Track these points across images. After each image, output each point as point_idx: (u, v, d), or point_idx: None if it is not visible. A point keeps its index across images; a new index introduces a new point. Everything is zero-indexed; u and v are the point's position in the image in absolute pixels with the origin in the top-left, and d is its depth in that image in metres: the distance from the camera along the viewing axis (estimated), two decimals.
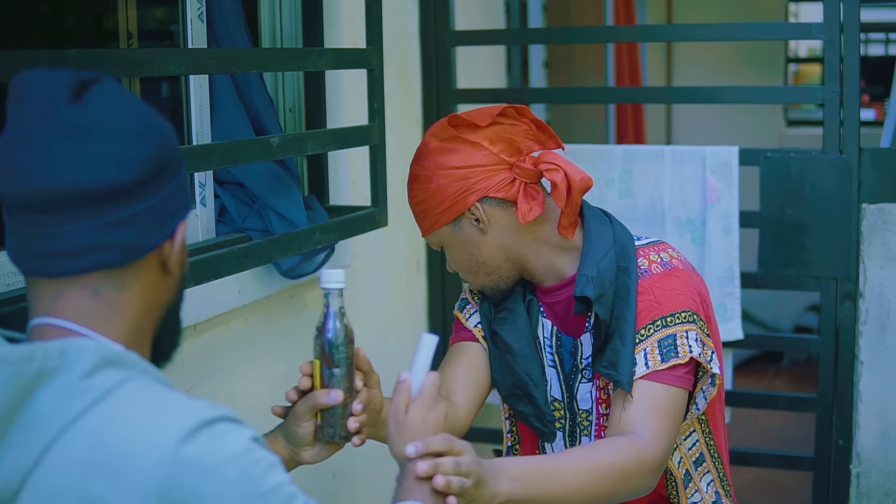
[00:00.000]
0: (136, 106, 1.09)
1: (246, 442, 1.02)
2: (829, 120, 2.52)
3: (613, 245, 1.70)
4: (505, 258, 1.72)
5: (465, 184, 1.67)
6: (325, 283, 1.46)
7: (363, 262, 2.54)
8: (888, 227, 2.48)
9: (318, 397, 1.46)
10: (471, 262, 1.72)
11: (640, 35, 3.99)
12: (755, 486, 3.58)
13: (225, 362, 2.00)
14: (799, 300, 5.18)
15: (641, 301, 1.66)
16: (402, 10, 2.75)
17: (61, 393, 1.00)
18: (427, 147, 1.71)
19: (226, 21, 2.00)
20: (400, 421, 1.38)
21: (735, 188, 2.60)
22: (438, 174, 1.69)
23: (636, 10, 5.03)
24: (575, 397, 1.77)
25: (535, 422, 1.78)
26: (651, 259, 1.71)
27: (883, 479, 2.52)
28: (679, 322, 1.65)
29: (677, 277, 1.69)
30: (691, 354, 1.62)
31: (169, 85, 2.75)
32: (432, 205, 1.70)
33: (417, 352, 1.41)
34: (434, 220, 1.71)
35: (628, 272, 1.68)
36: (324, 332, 1.45)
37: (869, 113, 6.09)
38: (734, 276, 2.62)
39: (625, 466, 1.52)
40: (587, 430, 1.77)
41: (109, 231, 1.05)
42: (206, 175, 2.01)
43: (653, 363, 1.62)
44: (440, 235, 1.73)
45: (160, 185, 1.09)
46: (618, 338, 1.65)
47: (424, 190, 1.70)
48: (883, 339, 2.49)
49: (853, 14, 2.47)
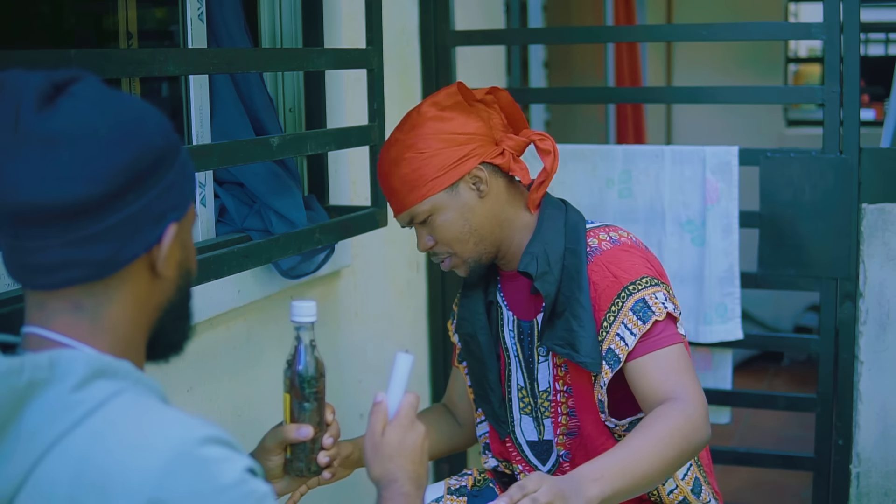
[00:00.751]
0: (113, 110, 1.03)
1: (240, 473, 0.99)
2: (828, 120, 2.52)
3: (564, 228, 1.76)
4: (495, 226, 1.76)
5: (465, 148, 1.72)
6: (296, 317, 1.43)
7: (363, 262, 2.54)
8: (888, 227, 2.47)
9: (288, 432, 1.45)
10: (464, 228, 1.74)
11: (640, 35, 3.99)
12: (755, 486, 3.58)
13: (225, 362, 2.00)
14: (799, 300, 5.18)
15: (599, 281, 1.71)
16: (402, 10, 2.75)
17: (51, 406, 0.98)
18: (423, 116, 1.74)
19: (226, 21, 2.00)
20: (376, 443, 1.35)
21: (735, 188, 2.60)
22: (438, 139, 1.72)
23: (636, 10, 5.03)
24: (536, 380, 1.81)
25: (492, 420, 1.87)
26: (601, 238, 1.76)
27: (883, 479, 2.52)
28: (643, 287, 1.70)
29: (627, 251, 1.74)
30: (666, 310, 1.67)
31: (169, 85, 2.75)
32: (428, 171, 1.71)
33: (393, 371, 1.38)
34: (428, 188, 1.72)
35: (577, 253, 1.73)
36: (294, 366, 1.42)
37: (869, 113, 6.09)
38: (734, 276, 2.62)
39: (680, 429, 1.57)
40: (548, 412, 1.81)
41: (80, 247, 1.01)
42: (206, 175, 2.01)
43: (636, 329, 1.66)
44: (433, 202, 1.73)
45: (139, 193, 1.03)
46: (571, 318, 1.69)
47: (419, 157, 1.72)
48: (883, 339, 2.49)
49: (853, 14, 2.46)
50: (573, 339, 1.69)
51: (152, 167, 1.04)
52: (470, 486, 1.90)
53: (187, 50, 1.81)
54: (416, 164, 1.72)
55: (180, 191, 1.09)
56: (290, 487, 1.53)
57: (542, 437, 1.84)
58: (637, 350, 1.67)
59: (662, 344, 1.67)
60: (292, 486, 1.53)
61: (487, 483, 1.92)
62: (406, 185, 1.73)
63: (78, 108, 1.01)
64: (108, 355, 1.04)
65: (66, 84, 1.03)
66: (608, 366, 1.68)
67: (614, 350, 1.68)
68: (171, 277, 1.11)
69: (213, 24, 1.99)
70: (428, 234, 1.77)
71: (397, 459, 1.33)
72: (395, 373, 1.38)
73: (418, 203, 1.73)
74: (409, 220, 1.77)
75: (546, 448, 1.84)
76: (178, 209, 1.09)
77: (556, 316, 1.72)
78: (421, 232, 1.77)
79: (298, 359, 1.42)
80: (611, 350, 1.68)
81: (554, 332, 1.71)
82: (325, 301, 2.38)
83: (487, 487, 1.91)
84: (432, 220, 1.74)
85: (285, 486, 1.52)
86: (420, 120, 1.74)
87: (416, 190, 1.72)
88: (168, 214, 1.07)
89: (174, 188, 1.08)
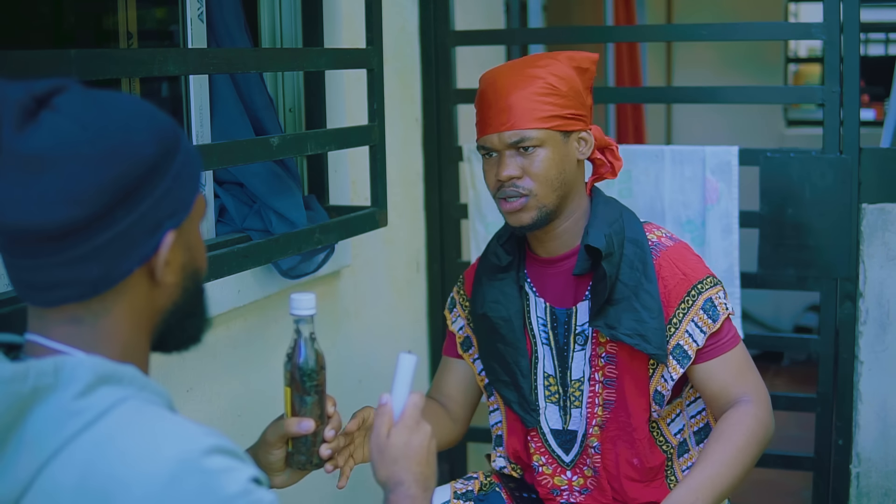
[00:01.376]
0: (96, 126, 0.99)
1: (244, 483, 0.98)
2: (828, 120, 2.52)
3: (622, 217, 1.79)
4: (573, 189, 1.78)
5: (586, 110, 1.78)
6: (295, 310, 1.42)
7: (363, 262, 2.54)
8: (888, 227, 2.47)
9: (289, 426, 1.44)
10: (558, 174, 1.73)
11: (640, 35, 3.99)
12: (755, 486, 3.58)
13: (225, 362, 2.00)
14: (799, 300, 5.18)
15: (669, 277, 1.75)
16: (402, 10, 2.75)
17: (55, 413, 0.97)
18: (561, 59, 1.76)
19: (226, 21, 2.00)
20: (382, 445, 1.34)
21: (735, 188, 2.60)
22: (573, 86, 1.75)
23: (636, 10, 5.03)
24: (569, 368, 1.81)
25: (519, 409, 1.85)
26: (656, 234, 1.81)
27: (883, 478, 2.52)
28: (709, 286, 1.76)
29: (688, 250, 1.81)
30: (728, 311, 1.77)
31: (169, 85, 2.75)
32: (558, 105, 1.73)
33: (397, 372, 1.37)
34: (554, 121, 1.72)
35: (640, 244, 1.76)
36: (295, 359, 1.41)
37: (869, 113, 6.09)
38: (734, 276, 2.62)
39: (755, 434, 1.70)
40: (578, 402, 1.82)
41: (72, 267, 0.99)
42: (206, 175, 2.01)
43: (706, 327, 1.73)
44: (549, 136, 1.72)
45: (129, 208, 1.00)
46: (641, 308, 1.72)
47: (554, 89, 1.73)
48: (883, 338, 2.49)
49: (853, 14, 2.47)
50: (644, 329, 1.71)
51: (142, 180, 1.01)
52: (476, 490, 1.90)
53: (187, 50, 1.81)
54: (549, 93, 1.72)
55: (178, 195, 1.06)
56: (291, 480, 1.53)
57: (567, 427, 1.84)
58: (707, 352, 1.74)
59: (730, 346, 1.76)
60: (293, 479, 1.53)
61: (494, 487, 1.92)
62: (531, 105, 1.71)
63: (60, 126, 0.98)
64: (113, 361, 1.03)
65: (48, 96, 0.99)
66: (676, 361, 1.74)
67: (683, 346, 1.73)
68: (173, 282, 1.09)
69: (213, 24, 1.99)
70: (518, 166, 1.73)
71: (403, 461, 1.32)
72: (399, 374, 1.37)
73: (537, 129, 1.72)
74: (511, 141, 1.72)
75: (570, 438, 1.85)
76: (176, 215, 1.06)
77: (614, 303, 1.73)
78: (511, 160, 1.72)
79: (298, 352, 1.42)
80: (679, 346, 1.73)
81: (619, 321, 1.72)
82: (325, 301, 2.38)
83: (494, 492, 1.90)
84: (537, 152, 1.72)
85: (286, 480, 1.52)
86: (558, 60, 1.75)
87: (541, 116, 1.71)
88: (164, 223, 1.04)
89: (170, 194, 1.04)
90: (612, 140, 1.86)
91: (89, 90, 1.03)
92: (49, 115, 0.98)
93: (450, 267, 2.90)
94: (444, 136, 2.86)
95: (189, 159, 1.08)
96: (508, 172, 1.72)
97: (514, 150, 1.72)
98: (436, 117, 2.86)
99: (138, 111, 1.04)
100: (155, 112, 1.06)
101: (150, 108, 1.06)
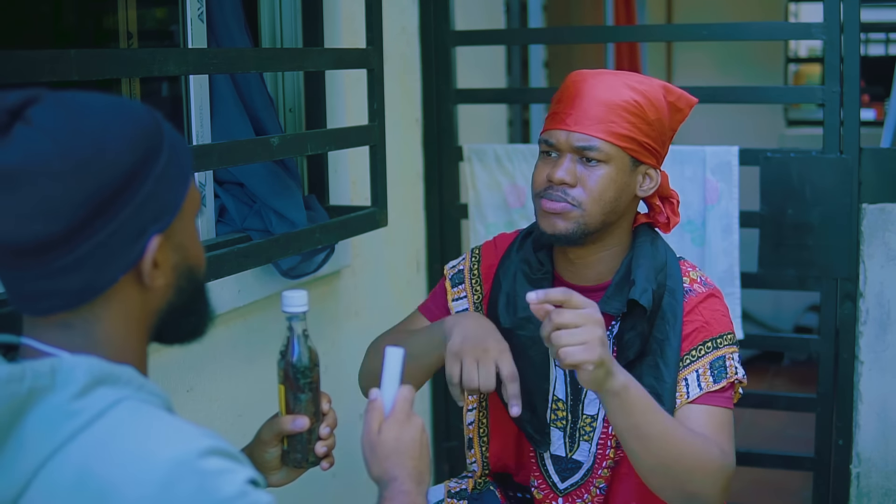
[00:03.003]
0: (68, 139, 0.97)
1: (240, 485, 0.97)
2: (829, 120, 2.52)
3: (666, 265, 1.70)
4: (620, 220, 1.68)
5: (664, 148, 1.68)
6: (287, 307, 1.40)
7: (363, 262, 2.54)
8: (888, 227, 2.47)
9: (283, 423, 1.42)
10: (612, 198, 1.62)
11: (640, 35, 3.99)
12: (755, 486, 3.58)
13: (225, 362, 2.00)
14: (799, 300, 5.18)
15: (690, 322, 1.66)
16: (402, 10, 2.75)
17: (52, 415, 0.97)
18: (658, 87, 1.66)
19: (226, 21, 2.00)
20: (373, 441, 1.33)
21: (735, 188, 2.60)
22: (661, 117, 1.65)
23: (636, 10, 5.03)
24: (582, 401, 1.74)
25: (531, 429, 1.76)
26: (692, 277, 1.72)
27: (883, 479, 2.52)
28: (726, 344, 1.67)
29: (718, 298, 1.71)
30: (737, 376, 1.65)
31: (169, 85, 2.75)
32: (639, 128, 1.62)
33: (385, 367, 1.36)
34: (630, 143, 1.62)
35: (675, 294, 1.67)
36: (288, 356, 1.40)
37: (869, 113, 6.09)
38: (734, 276, 2.62)
39: (709, 450, 1.55)
40: (588, 436, 1.75)
41: (54, 279, 0.99)
42: (206, 175, 2.01)
43: (705, 384, 1.63)
44: (618, 155, 1.61)
45: (107, 218, 0.99)
46: (662, 364, 1.64)
47: (642, 111, 1.62)
48: (883, 339, 2.49)
49: (853, 14, 2.46)
50: (661, 388, 1.62)
51: (120, 189, 0.99)
52: (470, 488, 1.89)
53: (187, 50, 1.81)
54: (635, 112, 1.61)
55: (162, 199, 1.04)
56: (287, 479, 1.52)
57: (571, 456, 1.77)
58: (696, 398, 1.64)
59: (720, 403, 1.64)
60: (290, 477, 1.52)
61: (488, 486, 1.90)
62: (612, 116, 1.60)
63: (32, 140, 0.96)
64: (109, 361, 1.02)
65: (22, 108, 0.98)
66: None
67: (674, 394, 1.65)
68: (165, 284, 1.08)
69: (213, 24, 1.99)
70: (574, 173, 1.61)
71: (395, 457, 1.32)
72: (387, 368, 1.36)
73: (611, 142, 1.61)
74: (577, 145, 1.61)
75: (572, 467, 1.77)
76: (161, 219, 1.04)
77: (639, 357, 1.65)
78: (570, 165, 1.61)
79: (292, 349, 1.40)
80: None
81: (640, 378, 1.60)
82: (325, 301, 2.38)
83: (488, 490, 1.89)
84: (600, 167, 1.61)
85: (283, 478, 1.51)
86: (655, 86, 1.66)
87: (618, 132, 1.60)
88: (149, 228, 1.03)
89: (153, 199, 1.02)
90: (676, 193, 1.75)
91: (64, 98, 1.01)
92: (21, 129, 0.97)
93: None
94: (444, 136, 2.86)
95: (174, 159, 1.06)
96: (562, 175, 1.61)
97: (578, 155, 1.61)
98: (436, 117, 2.86)
99: (114, 118, 1.01)
100: (134, 114, 1.04)
101: (129, 110, 1.04)
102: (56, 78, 1.36)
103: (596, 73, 1.66)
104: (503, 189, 2.77)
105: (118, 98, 1.05)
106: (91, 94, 1.04)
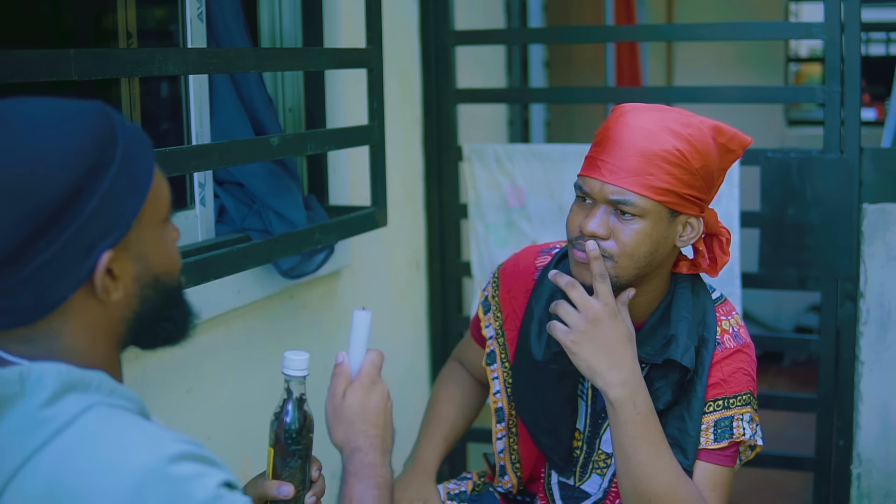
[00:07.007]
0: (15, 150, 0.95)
1: (213, 489, 0.96)
2: (829, 120, 2.52)
3: (705, 314, 1.64)
4: (660, 269, 1.60)
5: (710, 193, 1.57)
6: (287, 370, 1.34)
7: (363, 262, 2.54)
8: (889, 227, 2.47)
9: (268, 488, 1.36)
10: (646, 254, 1.53)
11: (640, 35, 3.99)
12: (755, 486, 3.58)
13: (225, 362, 2.00)
14: (799, 300, 5.18)
15: (711, 375, 1.63)
16: (402, 10, 2.75)
17: (21, 423, 0.95)
18: (707, 129, 1.55)
19: (226, 21, 2.00)
20: (337, 406, 1.30)
21: (735, 188, 2.60)
22: (708, 165, 1.53)
23: (636, 10, 5.03)
24: (600, 436, 1.72)
25: (555, 457, 1.74)
26: (723, 328, 1.66)
27: (884, 479, 2.52)
28: (738, 405, 1.63)
29: (746, 354, 1.65)
30: (743, 437, 1.62)
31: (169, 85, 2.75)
32: (680, 180, 1.50)
33: (352, 330, 1.32)
34: (668, 196, 1.51)
35: (707, 345, 1.63)
36: (281, 418, 1.34)
37: (870, 113, 6.08)
38: (734, 276, 2.61)
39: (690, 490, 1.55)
40: (602, 471, 1.73)
41: (3, 297, 0.97)
42: (205, 175, 2.00)
43: (704, 441, 1.61)
44: (654, 209, 1.51)
45: (50, 238, 0.96)
46: (687, 417, 1.61)
47: (684, 161, 1.50)
48: (884, 339, 2.49)
49: (854, 14, 2.46)
50: (685, 441, 1.60)
51: (61, 207, 0.96)
52: (469, 490, 1.89)
53: (187, 50, 1.81)
54: (677, 163, 1.50)
55: (111, 214, 1.00)
56: None
57: (579, 485, 1.75)
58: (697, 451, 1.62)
59: (719, 461, 1.61)
60: None
61: (487, 487, 1.90)
62: (650, 169, 1.50)
63: None
64: (79, 367, 1.00)
65: None
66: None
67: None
68: (126, 295, 1.04)
69: (212, 24, 1.99)
70: (607, 225, 1.53)
71: (359, 423, 1.29)
72: (354, 331, 1.32)
73: (647, 196, 1.50)
74: (611, 198, 1.52)
75: (578, 496, 1.76)
76: (111, 234, 1.00)
77: (667, 406, 1.63)
78: (603, 217, 1.52)
79: (286, 413, 1.34)
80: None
81: (664, 425, 1.59)
82: (325, 301, 2.38)
83: (487, 492, 1.88)
84: (634, 221, 1.52)
85: None
86: (703, 129, 1.54)
87: (656, 186, 1.50)
88: (97, 245, 0.99)
89: (100, 215, 0.99)
90: (726, 229, 1.65)
91: (3, 112, 0.98)
92: None
93: (450, 267, 2.90)
94: (444, 136, 2.86)
95: (126, 170, 1.01)
96: (594, 229, 1.52)
97: (612, 207, 1.52)
98: (436, 117, 2.86)
99: (55, 133, 0.98)
100: (80, 127, 0.99)
101: (74, 123, 1.00)
102: (56, 78, 1.36)
103: (640, 112, 1.54)
104: (503, 189, 2.77)
105: (67, 106, 1.01)
106: (37, 103, 1.00)
